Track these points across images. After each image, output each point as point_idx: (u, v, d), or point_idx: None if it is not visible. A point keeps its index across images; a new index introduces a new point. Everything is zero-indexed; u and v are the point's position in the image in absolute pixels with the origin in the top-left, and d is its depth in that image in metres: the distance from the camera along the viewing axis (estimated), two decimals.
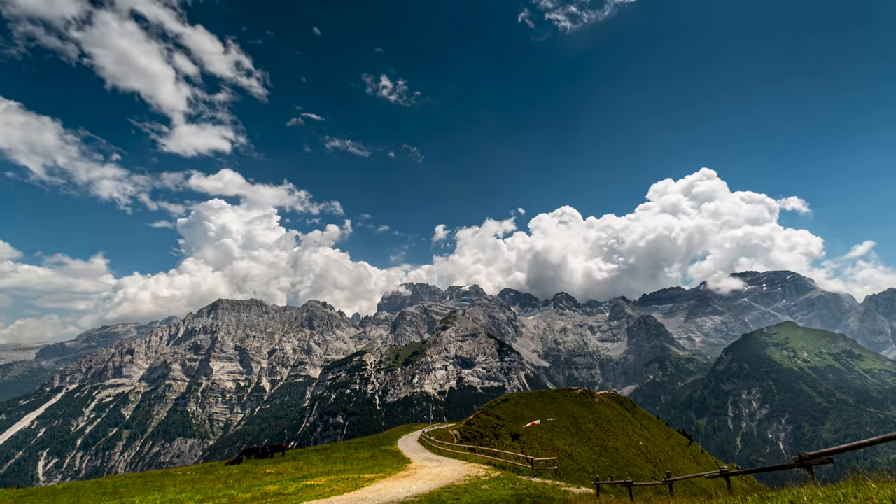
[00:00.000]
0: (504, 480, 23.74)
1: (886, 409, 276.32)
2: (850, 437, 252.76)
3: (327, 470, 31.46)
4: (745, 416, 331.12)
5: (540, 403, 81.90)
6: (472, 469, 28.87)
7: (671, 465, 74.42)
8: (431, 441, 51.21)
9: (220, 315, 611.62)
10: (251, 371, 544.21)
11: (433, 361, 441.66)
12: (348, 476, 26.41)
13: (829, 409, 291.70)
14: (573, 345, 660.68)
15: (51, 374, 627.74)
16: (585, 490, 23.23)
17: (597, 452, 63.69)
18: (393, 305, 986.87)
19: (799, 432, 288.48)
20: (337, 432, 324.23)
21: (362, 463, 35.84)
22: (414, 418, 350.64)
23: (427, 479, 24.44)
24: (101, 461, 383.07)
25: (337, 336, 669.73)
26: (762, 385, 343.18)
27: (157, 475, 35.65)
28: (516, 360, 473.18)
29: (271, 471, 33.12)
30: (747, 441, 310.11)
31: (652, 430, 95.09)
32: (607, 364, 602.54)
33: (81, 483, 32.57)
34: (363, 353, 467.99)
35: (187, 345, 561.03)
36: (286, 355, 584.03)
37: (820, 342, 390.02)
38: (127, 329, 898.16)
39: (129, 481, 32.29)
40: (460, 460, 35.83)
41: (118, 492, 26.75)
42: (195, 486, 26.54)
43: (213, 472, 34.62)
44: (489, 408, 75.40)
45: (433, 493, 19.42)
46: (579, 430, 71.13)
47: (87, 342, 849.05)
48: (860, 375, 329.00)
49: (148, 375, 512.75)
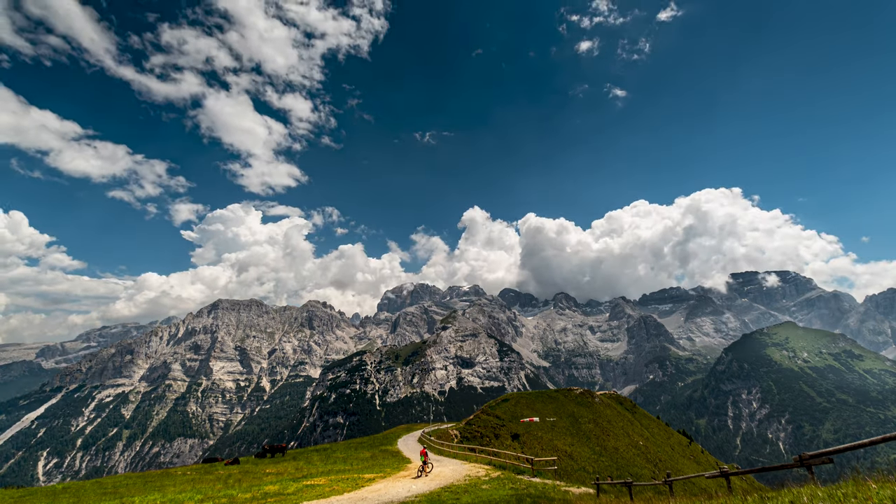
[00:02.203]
0: (504, 480, 23.74)
1: (886, 409, 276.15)
2: (850, 437, 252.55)
3: (327, 470, 31.47)
4: (745, 416, 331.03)
5: (540, 403, 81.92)
6: (472, 469, 28.88)
7: (671, 465, 74.40)
8: (431, 441, 51.21)
9: (220, 315, 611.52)
10: (251, 371, 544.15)
11: (433, 361, 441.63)
12: (348, 476, 26.42)
13: (829, 409, 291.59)
14: (573, 345, 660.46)
15: (51, 374, 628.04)
16: (585, 490, 23.24)
17: (597, 452, 63.68)
18: (393, 305, 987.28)
19: (799, 432, 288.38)
20: (337, 432, 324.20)
21: (362, 463, 35.85)
22: (414, 418, 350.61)
23: (427, 479, 24.46)
24: (101, 461, 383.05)
25: (337, 336, 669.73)
26: (762, 385, 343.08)
27: (157, 475, 35.65)
28: (516, 360, 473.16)
29: (271, 471, 33.13)
30: (747, 441, 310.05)
31: (652, 430, 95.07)
32: (607, 364, 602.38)
33: (81, 483, 32.57)
34: (363, 353, 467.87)
35: (187, 345, 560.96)
36: (286, 355, 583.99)
37: (820, 342, 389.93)
38: (127, 329, 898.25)
39: (129, 481, 32.29)
40: (460, 460, 35.84)
41: (118, 492, 26.76)
42: (195, 486, 26.55)
43: (213, 472, 34.61)
44: (489, 408, 75.41)
45: (433, 493, 19.43)
46: (579, 430, 71.12)
47: (87, 342, 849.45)
48: (860, 375, 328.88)
49: (148, 375, 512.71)
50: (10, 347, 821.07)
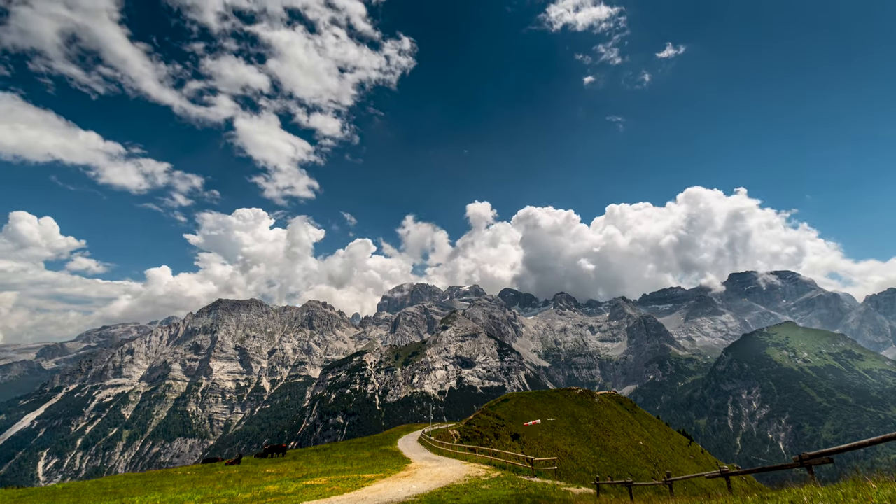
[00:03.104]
0: (504, 480, 23.74)
1: (886, 409, 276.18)
2: (850, 437, 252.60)
3: (327, 470, 31.46)
4: (745, 416, 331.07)
5: (540, 403, 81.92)
6: (472, 469, 28.86)
7: (671, 465, 74.40)
8: (431, 441, 51.21)
9: (221, 315, 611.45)
10: (251, 371, 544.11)
11: (433, 361, 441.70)
12: (348, 476, 26.41)
13: (829, 409, 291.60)
14: (573, 345, 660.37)
15: (51, 374, 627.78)
16: (585, 490, 23.24)
17: (597, 452, 63.69)
18: (393, 305, 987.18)
19: (799, 432, 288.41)
20: (337, 432, 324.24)
21: (362, 463, 35.85)
22: (414, 418, 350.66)
23: (427, 479, 24.44)
24: (101, 461, 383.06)
25: (337, 336, 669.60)
26: (762, 385, 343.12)
27: (157, 475, 35.64)
28: (516, 360, 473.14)
29: (271, 471, 33.12)
30: (747, 441, 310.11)
31: (652, 430, 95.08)
32: (607, 364, 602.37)
33: (81, 483, 32.55)
34: (363, 353, 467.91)
35: (187, 345, 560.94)
36: (286, 355, 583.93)
37: (820, 342, 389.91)
38: (127, 329, 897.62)
39: (129, 481, 32.28)
40: (460, 460, 35.82)
41: (118, 492, 26.75)
42: (195, 486, 26.54)
43: (213, 472, 34.60)
44: (489, 408, 75.41)
45: (433, 493, 19.42)
46: (579, 430, 71.13)
47: (87, 342, 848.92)
48: (860, 375, 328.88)
49: (148, 375, 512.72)
50: (10, 347, 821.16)
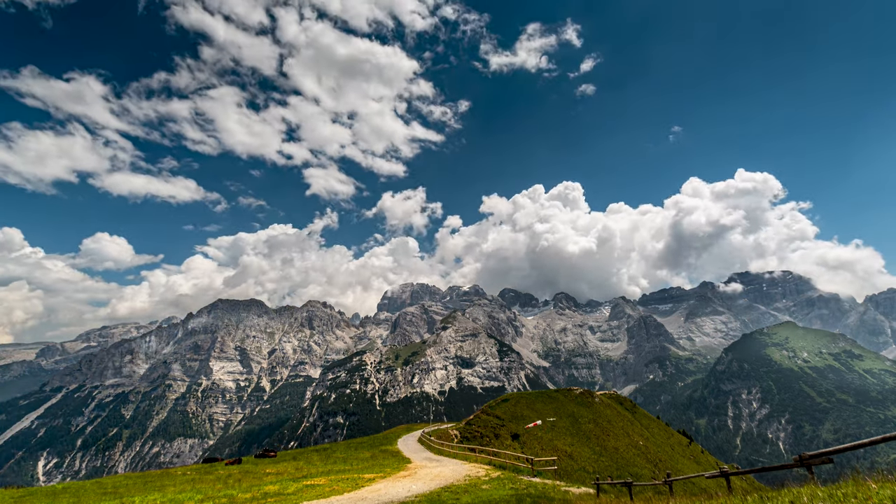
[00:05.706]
0: (504, 480, 23.73)
1: (886, 409, 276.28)
2: (850, 437, 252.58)
3: (327, 470, 31.47)
4: (745, 416, 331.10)
5: (540, 403, 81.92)
6: (472, 469, 28.85)
7: (671, 465, 74.42)
8: (431, 441, 51.20)
9: (220, 315, 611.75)
10: (251, 371, 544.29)
11: (433, 361, 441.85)
12: (348, 476, 26.41)
13: (829, 409, 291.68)
14: (573, 345, 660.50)
15: (51, 374, 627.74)
16: (585, 490, 23.23)
17: (597, 452, 63.71)
18: (393, 305, 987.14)
19: (799, 432, 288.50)
20: (337, 432, 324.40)
21: (362, 463, 35.85)
22: (414, 418, 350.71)
23: (427, 479, 24.43)
24: (101, 461, 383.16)
25: (337, 336, 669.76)
26: (762, 385, 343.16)
27: (156, 475, 35.65)
28: (516, 360, 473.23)
29: (271, 471, 33.14)
30: (747, 441, 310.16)
31: (652, 430, 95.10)
32: (607, 364, 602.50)
33: (81, 483, 32.57)
34: (363, 353, 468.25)
35: (187, 345, 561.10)
36: (286, 355, 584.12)
37: (820, 342, 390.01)
38: (127, 329, 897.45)
39: (129, 481, 32.29)
40: (460, 460, 35.81)
41: (118, 492, 26.76)
42: (195, 486, 26.55)
43: (214, 472, 34.61)
44: (489, 408, 75.40)
45: (433, 493, 19.41)
46: (579, 430, 71.14)
47: (87, 342, 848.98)
48: (860, 375, 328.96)
49: (148, 375, 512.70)
50: (10, 347, 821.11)
